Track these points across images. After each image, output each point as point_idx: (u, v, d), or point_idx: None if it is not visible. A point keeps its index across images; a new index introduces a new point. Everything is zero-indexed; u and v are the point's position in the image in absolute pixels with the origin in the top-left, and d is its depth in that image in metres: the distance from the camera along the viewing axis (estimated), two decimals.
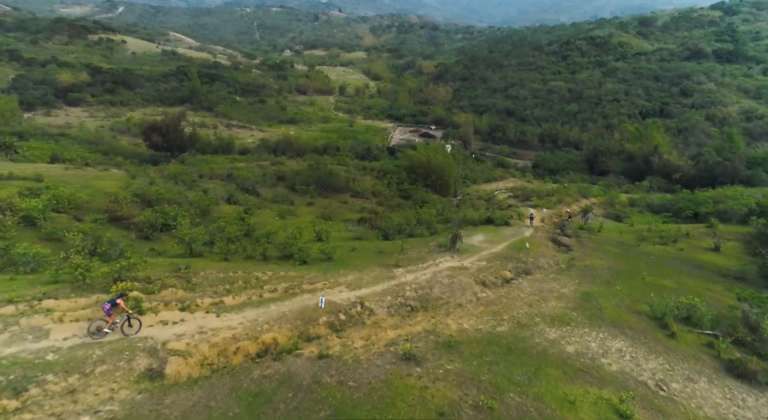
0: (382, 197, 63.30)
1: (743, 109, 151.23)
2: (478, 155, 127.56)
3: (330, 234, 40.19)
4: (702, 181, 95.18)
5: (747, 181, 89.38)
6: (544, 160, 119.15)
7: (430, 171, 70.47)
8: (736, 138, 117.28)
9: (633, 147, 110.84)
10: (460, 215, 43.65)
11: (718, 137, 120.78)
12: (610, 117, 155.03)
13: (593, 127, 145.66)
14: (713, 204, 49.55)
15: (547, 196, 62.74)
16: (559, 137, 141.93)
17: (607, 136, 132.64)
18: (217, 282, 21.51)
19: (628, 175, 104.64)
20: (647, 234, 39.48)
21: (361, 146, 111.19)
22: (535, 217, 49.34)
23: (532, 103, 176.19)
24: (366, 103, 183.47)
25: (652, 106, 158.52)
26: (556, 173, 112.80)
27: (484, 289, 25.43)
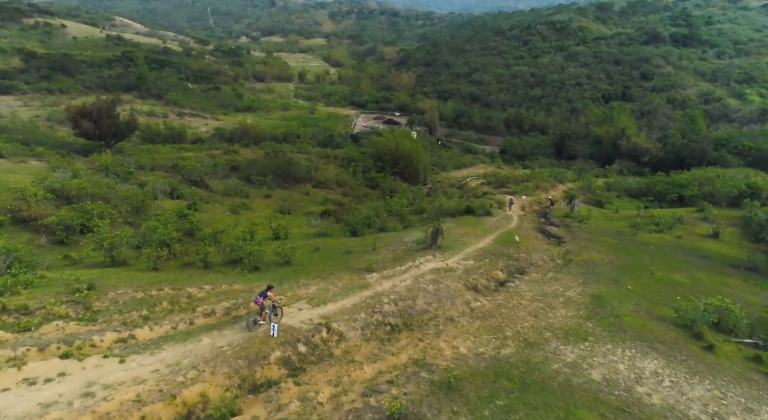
0: (348, 187, 58.17)
1: (701, 91, 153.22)
2: (444, 142, 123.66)
3: (289, 231, 34.94)
4: (670, 164, 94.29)
5: (714, 162, 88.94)
6: (512, 145, 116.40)
7: (398, 158, 65.69)
8: (699, 120, 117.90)
9: (600, 130, 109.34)
10: (436, 205, 39.09)
11: (680, 120, 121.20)
12: (574, 101, 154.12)
13: (558, 112, 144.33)
14: (698, 187, 46.80)
15: (522, 183, 59.13)
16: (525, 122, 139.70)
17: (573, 121, 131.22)
18: (131, 305, 16.07)
19: (597, 158, 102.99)
20: (639, 221, 36.05)
21: (324, 134, 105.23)
22: (515, 203, 45.61)
23: (496, 88, 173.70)
24: (327, 90, 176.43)
25: (614, 90, 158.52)
26: (524, 158, 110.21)
27: (477, 296, 20.91)
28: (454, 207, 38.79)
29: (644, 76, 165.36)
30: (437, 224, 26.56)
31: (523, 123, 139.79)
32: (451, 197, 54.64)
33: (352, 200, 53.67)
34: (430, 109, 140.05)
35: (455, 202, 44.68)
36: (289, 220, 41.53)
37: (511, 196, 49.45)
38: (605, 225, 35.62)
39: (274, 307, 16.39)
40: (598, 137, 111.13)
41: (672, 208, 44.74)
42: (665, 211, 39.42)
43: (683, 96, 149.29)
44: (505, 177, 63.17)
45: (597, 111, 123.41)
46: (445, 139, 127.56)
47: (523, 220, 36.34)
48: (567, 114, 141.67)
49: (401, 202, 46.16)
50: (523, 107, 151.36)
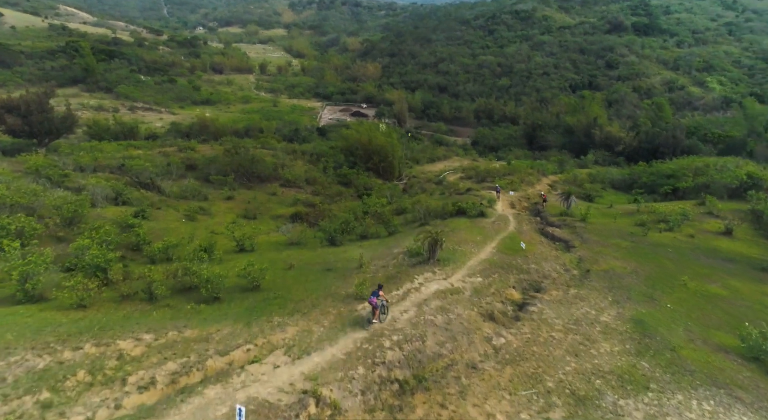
0: (318, 185, 53.27)
1: (665, 80, 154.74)
2: (414, 133, 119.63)
3: (256, 241, 30.05)
4: (644, 153, 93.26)
5: (688, 150, 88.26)
6: (484, 136, 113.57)
7: (372, 152, 61.12)
8: (666, 108, 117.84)
9: (572, 120, 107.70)
10: (423, 206, 34.85)
11: (648, 108, 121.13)
12: (542, 90, 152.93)
13: (527, 101, 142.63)
14: (692, 177, 44.26)
15: (505, 176, 55.66)
16: (495, 112, 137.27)
17: (543, 110, 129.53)
18: (25, 384, 11.07)
19: (570, 149, 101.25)
20: (646, 218, 32.75)
21: (288, 127, 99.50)
22: (503, 199, 42.04)
23: (464, 78, 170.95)
24: (290, 82, 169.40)
25: (581, 79, 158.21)
26: (497, 150, 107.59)
27: (498, 328, 16.76)
28: (441, 207, 34.63)
29: (609, 65, 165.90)
30: (435, 233, 22.23)
31: (493, 113, 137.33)
32: (431, 194, 50.59)
33: (324, 200, 48.88)
34: (398, 100, 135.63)
35: (441, 201, 40.63)
36: (255, 227, 36.49)
37: (497, 191, 45.90)
38: (609, 224, 32.23)
39: (383, 305, 16.21)
40: (570, 127, 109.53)
41: (666, 202, 42.03)
42: (667, 206, 36.48)
43: (648, 84, 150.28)
44: (485, 171, 59.57)
45: (567, 100, 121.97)
46: (415, 131, 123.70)
47: (522, 222, 32.54)
48: (536, 104, 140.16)
49: (380, 202, 41.81)
50: (492, 97, 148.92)
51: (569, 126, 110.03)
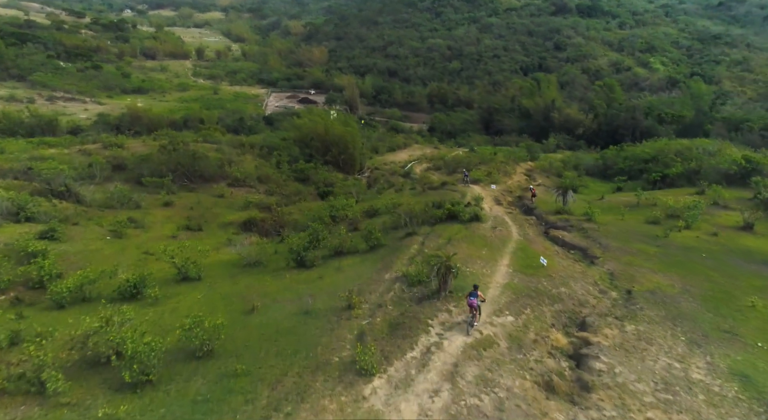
0: (273, 183, 46.75)
1: (611, 61, 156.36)
2: (368, 120, 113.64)
3: (202, 265, 23.75)
4: (603, 135, 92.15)
5: (647, 132, 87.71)
6: (441, 121, 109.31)
7: (330, 144, 54.98)
8: (617, 89, 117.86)
9: (530, 103, 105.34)
10: (404, 209, 29.39)
11: (599, 90, 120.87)
12: (494, 73, 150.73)
13: (480, 85, 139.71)
14: (682, 163, 41.34)
15: (478, 166, 51.24)
16: (449, 97, 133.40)
17: (498, 94, 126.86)
18: None
19: (528, 133, 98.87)
20: (657, 214, 28.82)
21: (232, 117, 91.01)
22: (485, 195, 37.50)
23: (414, 62, 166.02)
24: (231, 68, 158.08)
25: (531, 62, 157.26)
26: (455, 135, 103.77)
27: (567, 407, 11.75)
28: (424, 210, 29.33)
29: (558, 47, 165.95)
30: (445, 258, 16.93)
31: (447, 98, 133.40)
32: (400, 189, 45.36)
33: (281, 201, 42.60)
34: (348, 85, 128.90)
35: (419, 200, 35.46)
36: (201, 242, 29.99)
37: (476, 186, 41.34)
38: (619, 223, 28.14)
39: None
40: (527, 110, 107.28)
41: (657, 191, 38.85)
42: (667, 197, 32.97)
43: (596, 66, 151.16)
44: (454, 160, 54.95)
45: (522, 83, 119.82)
46: (369, 117, 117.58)
47: (521, 225, 27.86)
48: (489, 87, 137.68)
49: (349, 204, 36.12)
50: (444, 81, 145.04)
51: (526, 109, 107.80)
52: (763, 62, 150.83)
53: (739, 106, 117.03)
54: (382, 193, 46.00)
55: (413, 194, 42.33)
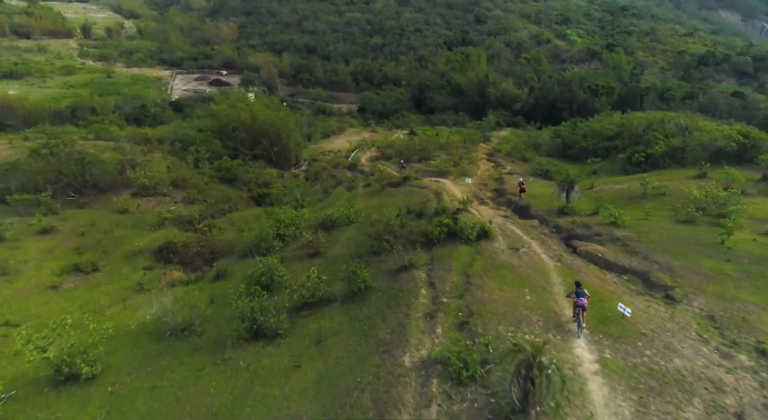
0: (192, 188, 37.42)
1: (532, 33, 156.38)
2: (291, 103, 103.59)
3: (100, 338, 15.34)
4: (541, 110, 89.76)
5: (584, 105, 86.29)
6: (371, 101, 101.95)
7: (259, 134, 46.02)
8: (544, 62, 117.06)
9: (462, 78, 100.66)
10: (384, 226, 22.05)
11: (526, 63, 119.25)
12: (418, 49, 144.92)
13: (405, 61, 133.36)
14: (665, 140, 37.50)
15: (437, 152, 45.07)
16: (374, 74, 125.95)
17: (426, 70, 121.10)
18: None
19: (464, 110, 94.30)
20: (690, 211, 23.53)
21: (132, 104, 77.94)
22: (457, 191, 31.42)
23: (333, 38, 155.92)
24: (126, 47, 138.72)
25: (454, 35, 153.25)
26: (387, 116, 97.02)
27: None
28: (406, 224, 22.22)
29: (479, 20, 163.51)
30: (532, 351, 10.02)
31: (373, 75, 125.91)
32: (353, 187, 38.01)
33: (205, 211, 33.71)
34: (264, 64, 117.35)
35: (384, 202, 28.46)
36: (97, 292, 21.14)
37: (445, 179, 35.11)
38: (650, 225, 22.72)
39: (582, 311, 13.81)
40: (459, 86, 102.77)
41: (644, 173, 34.64)
42: (672, 181, 28.42)
43: (518, 39, 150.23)
44: (406, 147, 48.24)
45: (452, 57, 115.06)
46: (292, 99, 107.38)
47: (537, 237, 21.65)
48: (415, 63, 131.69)
49: (299, 216, 28.34)
50: (367, 58, 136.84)
51: (458, 85, 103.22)
52: (668, 32, 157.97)
53: (656, 76, 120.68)
54: (330, 193, 38.32)
55: (369, 194, 35.26)
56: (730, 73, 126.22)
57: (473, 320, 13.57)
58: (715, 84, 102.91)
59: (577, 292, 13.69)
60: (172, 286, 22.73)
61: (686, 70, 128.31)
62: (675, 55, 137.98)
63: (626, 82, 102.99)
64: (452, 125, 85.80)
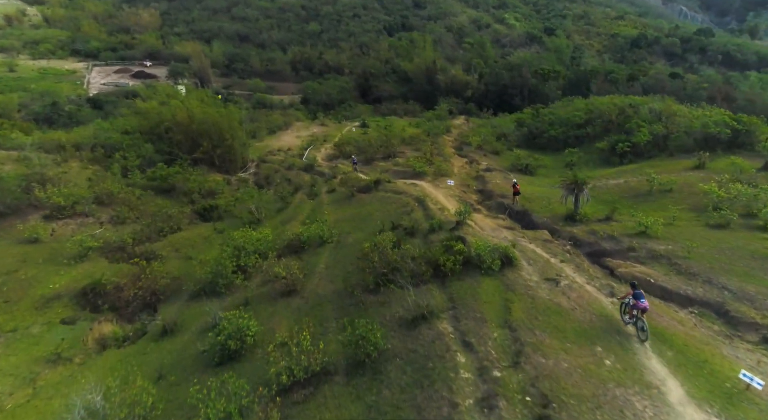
0: (122, 205, 31.10)
1: (472, 18, 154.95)
2: (226, 95, 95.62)
3: None
4: (493, 96, 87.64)
5: (534, 90, 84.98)
6: (314, 91, 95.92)
7: (198, 135, 39.83)
8: (488, 47, 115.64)
9: (408, 65, 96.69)
10: (375, 255, 17.60)
11: (470, 48, 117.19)
12: (358, 35, 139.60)
13: (346, 48, 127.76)
14: (648, 127, 35.28)
15: (402, 147, 41.03)
16: (314, 63, 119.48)
17: (368, 57, 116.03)
18: None
19: (413, 98, 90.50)
20: (727, 215, 20.55)
21: (41, 102, 67.63)
22: (446, 196, 27.73)
23: (267, 25, 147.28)
24: (30, 37, 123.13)
25: (394, 21, 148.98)
26: (332, 107, 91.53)
27: None
28: (403, 254, 17.92)
29: (417, 5, 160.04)
30: None
31: (313, 64, 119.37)
32: (314, 194, 33.18)
33: (140, 234, 27.81)
34: (194, 54, 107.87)
35: (357, 213, 24.10)
36: None
37: (423, 182, 31.20)
38: (686, 234, 19.62)
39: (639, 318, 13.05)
40: (406, 73, 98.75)
41: (631, 164, 32.38)
42: (664, 173, 25.87)
43: (458, 23, 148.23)
44: (366, 143, 43.74)
45: (397, 43, 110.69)
46: (227, 91, 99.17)
47: (579, 263, 17.91)
48: (357, 50, 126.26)
49: (262, 238, 23.41)
50: (305, 45, 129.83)
51: (404, 72, 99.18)
52: (600, 16, 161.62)
53: (594, 59, 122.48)
54: (288, 201, 33.24)
55: (336, 201, 30.66)
56: (661, 55, 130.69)
57: (555, 414, 9.54)
58: (650, 66, 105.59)
59: (635, 293, 12.87)
60: (103, 348, 17.30)
61: (621, 53, 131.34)
62: (609, 38, 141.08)
63: (568, 65, 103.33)
64: (403, 115, 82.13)
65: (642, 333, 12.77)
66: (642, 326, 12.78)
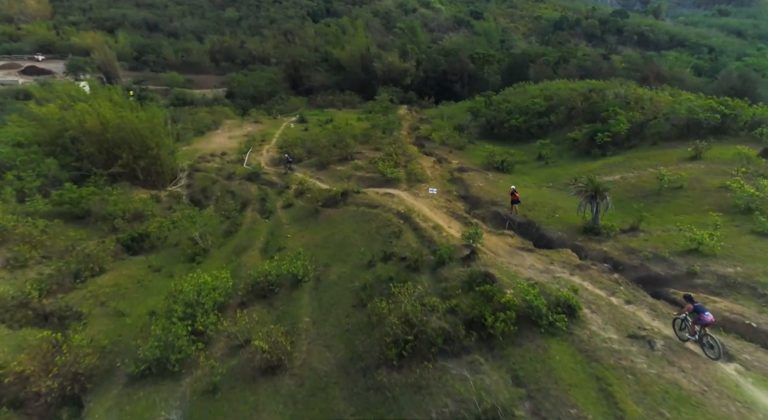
0: (20, 242, 24.28)
1: (398, 2, 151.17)
2: (138, 92, 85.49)
3: None
4: (432, 84, 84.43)
5: (474, 76, 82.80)
6: (240, 84, 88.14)
7: (115, 144, 32.84)
8: (419, 32, 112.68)
9: (342, 53, 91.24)
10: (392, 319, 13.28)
11: (402, 33, 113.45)
12: (281, 21, 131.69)
13: (270, 36, 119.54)
14: (626, 114, 33.20)
15: (360, 147, 36.65)
16: (236, 53, 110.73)
17: (297, 45, 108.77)
18: None
19: (350, 87, 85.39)
20: (763, 221, 18.05)
21: None
22: (430, 207, 23.98)
23: (178, 12, 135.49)
24: None
25: (317, 6, 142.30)
26: (263, 101, 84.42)
27: None
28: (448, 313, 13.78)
29: None
30: None
31: (234, 54, 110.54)
32: (270, 211, 27.99)
33: (50, 280, 21.52)
34: (96, 46, 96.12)
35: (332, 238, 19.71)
36: None
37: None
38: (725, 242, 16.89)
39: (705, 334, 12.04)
40: (339, 61, 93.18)
41: (619, 155, 30.26)
42: (661, 166, 23.48)
43: (385, 8, 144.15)
44: (319, 143, 38.81)
45: (326, 30, 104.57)
46: (139, 87, 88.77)
47: (653, 306, 14.48)
48: (282, 37, 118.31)
49: (217, 283, 18.32)
50: (224, 34, 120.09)
51: (337, 61, 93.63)
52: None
53: (522, 42, 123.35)
54: (237, 222, 27.76)
55: (298, 220, 25.86)
56: (582, 37, 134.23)
57: None
58: (575, 48, 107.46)
59: (697, 307, 11.86)
60: None
61: (545, 35, 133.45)
62: (533, 21, 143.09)
63: (498, 49, 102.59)
64: (342, 106, 77.12)
65: (711, 350, 11.63)
66: (710, 343, 11.70)
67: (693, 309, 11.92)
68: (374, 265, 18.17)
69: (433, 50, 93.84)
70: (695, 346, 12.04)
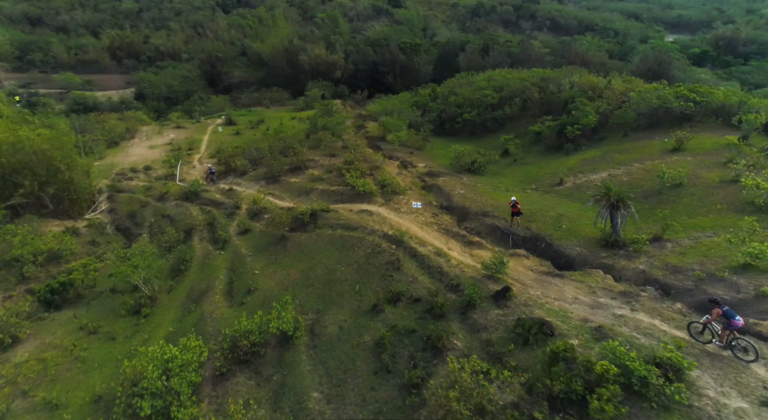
0: None
1: None
2: (27, 97, 74.78)
3: None
4: (364, 76, 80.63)
5: (406, 67, 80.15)
6: (150, 84, 79.57)
7: (14, 171, 26.56)
8: (341, 22, 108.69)
9: (262, 46, 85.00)
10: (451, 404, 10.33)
11: (323, 24, 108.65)
12: (188, 13, 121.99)
13: (178, 28, 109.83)
14: (592, 105, 32.13)
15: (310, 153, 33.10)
16: (140, 49, 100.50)
17: (210, 38, 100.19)
18: None
19: (275, 84, 79.75)
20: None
21: None
22: (411, 225, 21.32)
23: (65, 4, 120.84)
24: None
25: None
26: (178, 101, 76.78)
27: None
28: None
29: None
30: None
31: (138, 50, 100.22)
32: (224, 240, 23.69)
33: None
34: None
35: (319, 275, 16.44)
36: None
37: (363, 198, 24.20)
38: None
39: (735, 338, 11.69)
40: (260, 56, 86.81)
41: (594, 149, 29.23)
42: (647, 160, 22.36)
43: None
44: (262, 150, 34.50)
45: (241, 22, 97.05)
46: (26, 91, 77.61)
47: (746, 349, 12.48)
48: (192, 31, 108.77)
49: (187, 359, 14.28)
50: (124, 28, 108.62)
51: (257, 55, 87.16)
52: None
53: (442, 29, 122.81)
54: (184, 256, 23.20)
55: (261, 250, 22.04)
56: (499, 23, 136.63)
57: None
58: (495, 34, 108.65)
59: (726, 312, 11.33)
60: None
61: (464, 22, 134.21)
62: (450, 8, 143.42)
63: (421, 37, 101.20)
64: (270, 104, 71.79)
65: (746, 354, 11.23)
66: (745, 346, 11.33)
67: (722, 314, 11.34)
68: (381, 310, 15.05)
69: (360, 40, 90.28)
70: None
